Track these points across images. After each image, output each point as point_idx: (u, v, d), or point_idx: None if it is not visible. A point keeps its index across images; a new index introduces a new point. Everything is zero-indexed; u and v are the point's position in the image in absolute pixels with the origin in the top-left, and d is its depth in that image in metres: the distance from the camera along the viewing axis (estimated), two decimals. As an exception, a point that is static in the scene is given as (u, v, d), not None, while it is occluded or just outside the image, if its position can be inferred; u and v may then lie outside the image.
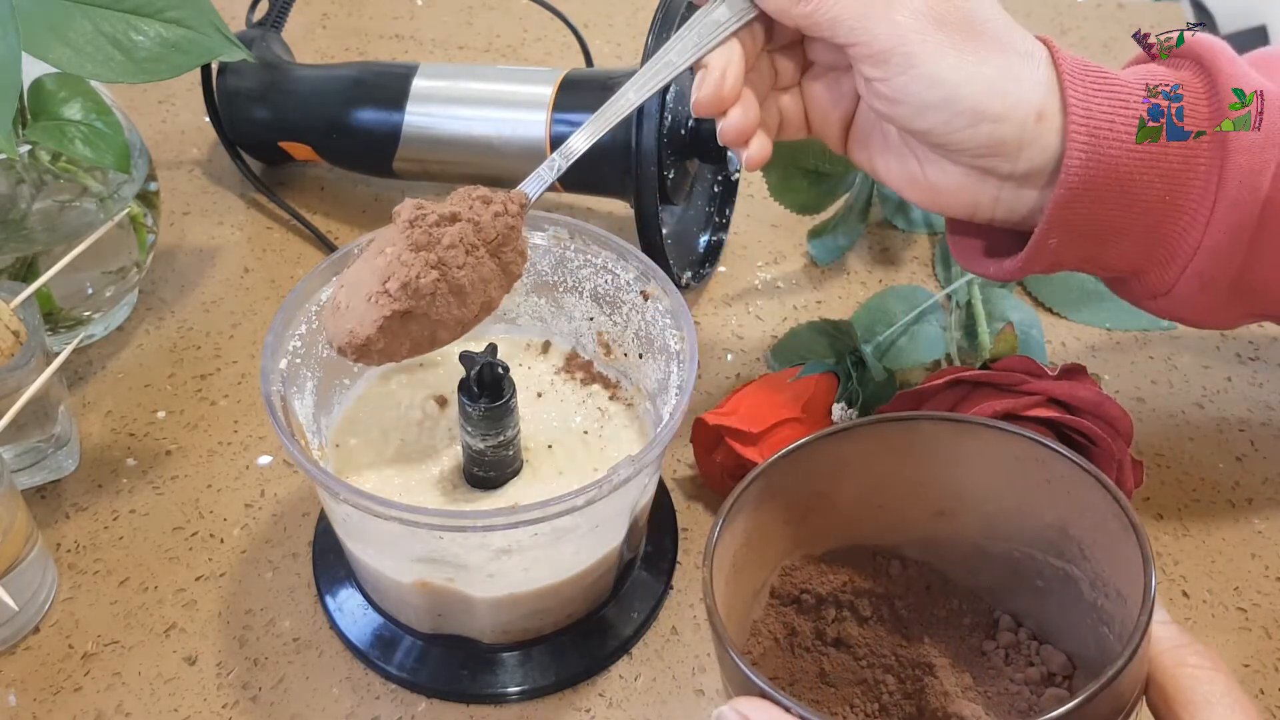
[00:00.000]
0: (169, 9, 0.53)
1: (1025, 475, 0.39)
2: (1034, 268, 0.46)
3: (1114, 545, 0.36)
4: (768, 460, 0.39)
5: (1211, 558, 0.55)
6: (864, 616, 0.42)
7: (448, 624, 0.49)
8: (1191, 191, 0.44)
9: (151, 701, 0.48)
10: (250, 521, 0.55)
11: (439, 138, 0.67)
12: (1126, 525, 0.35)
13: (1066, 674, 0.41)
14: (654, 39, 0.58)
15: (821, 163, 0.66)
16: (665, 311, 0.50)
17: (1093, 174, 0.43)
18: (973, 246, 0.49)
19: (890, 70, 0.43)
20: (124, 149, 0.57)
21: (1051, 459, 0.38)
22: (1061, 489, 0.38)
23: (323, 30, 0.90)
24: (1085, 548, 0.39)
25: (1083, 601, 0.39)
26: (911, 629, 0.42)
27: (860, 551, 0.43)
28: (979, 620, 0.43)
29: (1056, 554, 0.40)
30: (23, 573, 0.49)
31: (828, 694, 0.41)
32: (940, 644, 0.42)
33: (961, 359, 0.62)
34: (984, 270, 0.49)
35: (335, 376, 0.51)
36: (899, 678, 0.41)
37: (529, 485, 0.49)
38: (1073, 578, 0.40)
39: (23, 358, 0.51)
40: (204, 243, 0.71)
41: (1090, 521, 0.38)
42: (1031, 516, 0.40)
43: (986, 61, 0.43)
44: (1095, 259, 0.47)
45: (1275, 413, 0.62)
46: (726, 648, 0.34)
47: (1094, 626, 0.39)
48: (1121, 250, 0.46)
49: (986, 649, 0.42)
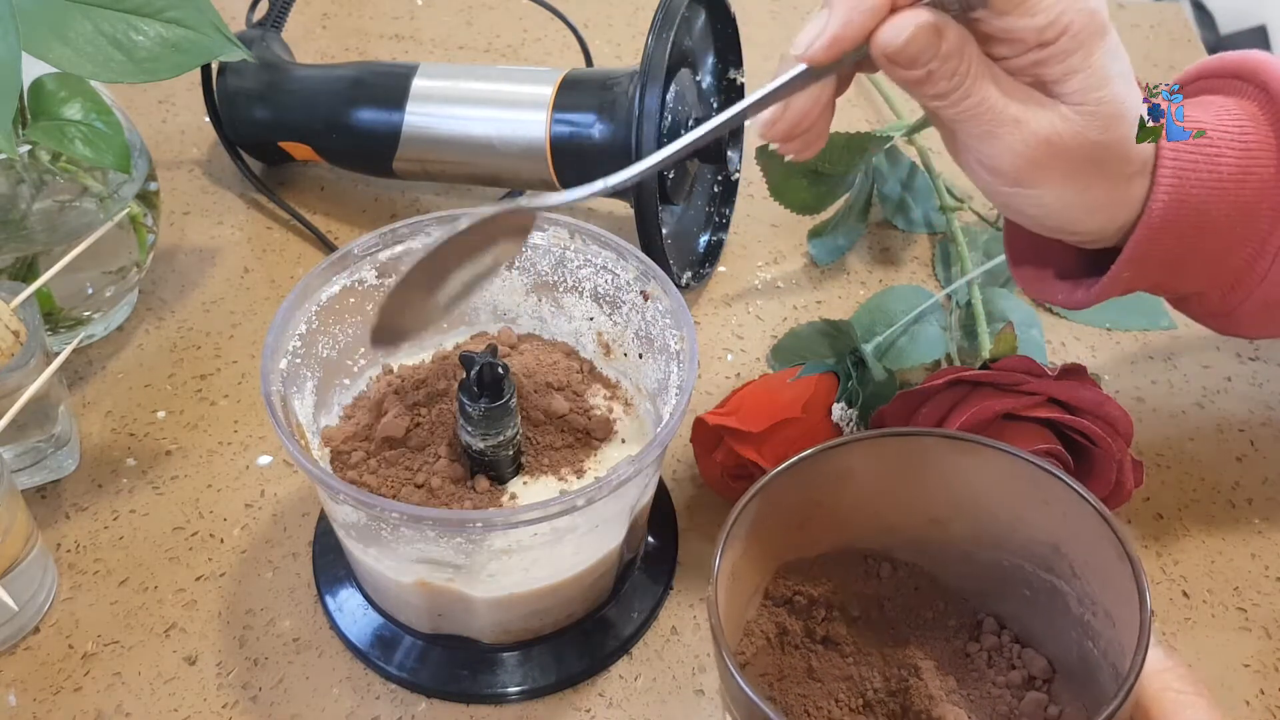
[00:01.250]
0: (169, 9, 0.53)
1: (1024, 495, 0.39)
2: (1107, 296, 0.47)
3: (1108, 572, 0.37)
4: (769, 474, 0.39)
5: (1211, 558, 0.55)
6: (853, 617, 0.43)
7: (448, 624, 0.49)
8: (1260, 222, 0.45)
9: (151, 701, 0.48)
10: (250, 521, 0.55)
11: (439, 138, 0.67)
12: (1122, 556, 0.35)
13: (1047, 678, 0.41)
14: (654, 39, 0.59)
15: (821, 163, 0.66)
16: (665, 311, 0.50)
17: (1173, 213, 0.43)
18: (1040, 274, 0.49)
19: (998, 180, 0.43)
20: (124, 149, 0.57)
21: (1051, 483, 0.38)
22: (1058, 511, 0.38)
23: (323, 30, 0.90)
24: (1076, 567, 0.39)
25: (1069, 614, 0.40)
26: (899, 630, 0.43)
27: (852, 554, 0.44)
28: (964, 622, 0.43)
29: (1046, 568, 0.40)
30: (23, 573, 0.49)
31: (814, 688, 0.42)
32: (926, 646, 0.43)
33: (961, 359, 0.62)
34: (1053, 298, 0.49)
35: (335, 376, 0.51)
36: (884, 676, 0.42)
37: (529, 485, 0.49)
38: (1060, 591, 0.40)
39: (23, 358, 0.51)
40: (204, 243, 0.71)
41: (1084, 545, 0.38)
42: (1024, 532, 0.41)
43: (1094, 190, 0.42)
44: (1164, 285, 0.48)
45: (1275, 413, 0.62)
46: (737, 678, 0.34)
47: (1078, 639, 0.40)
48: (1191, 277, 0.47)
49: (970, 651, 0.43)
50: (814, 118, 0.41)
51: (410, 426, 0.49)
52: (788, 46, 0.40)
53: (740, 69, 0.69)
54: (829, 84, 0.41)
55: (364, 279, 0.51)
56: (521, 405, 0.49)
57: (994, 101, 0.40)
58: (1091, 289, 0.46)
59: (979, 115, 0.40)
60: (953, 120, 0.41)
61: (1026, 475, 0.38)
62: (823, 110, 0.41)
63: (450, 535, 0.43)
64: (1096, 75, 0.40)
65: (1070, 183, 0.42)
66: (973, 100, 0.40)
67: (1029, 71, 0.40)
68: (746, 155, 0.69)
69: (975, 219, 0.73)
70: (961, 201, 0.72)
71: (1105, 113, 0.40)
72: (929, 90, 0.40)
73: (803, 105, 0.41)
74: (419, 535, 0.43)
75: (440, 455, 0.48)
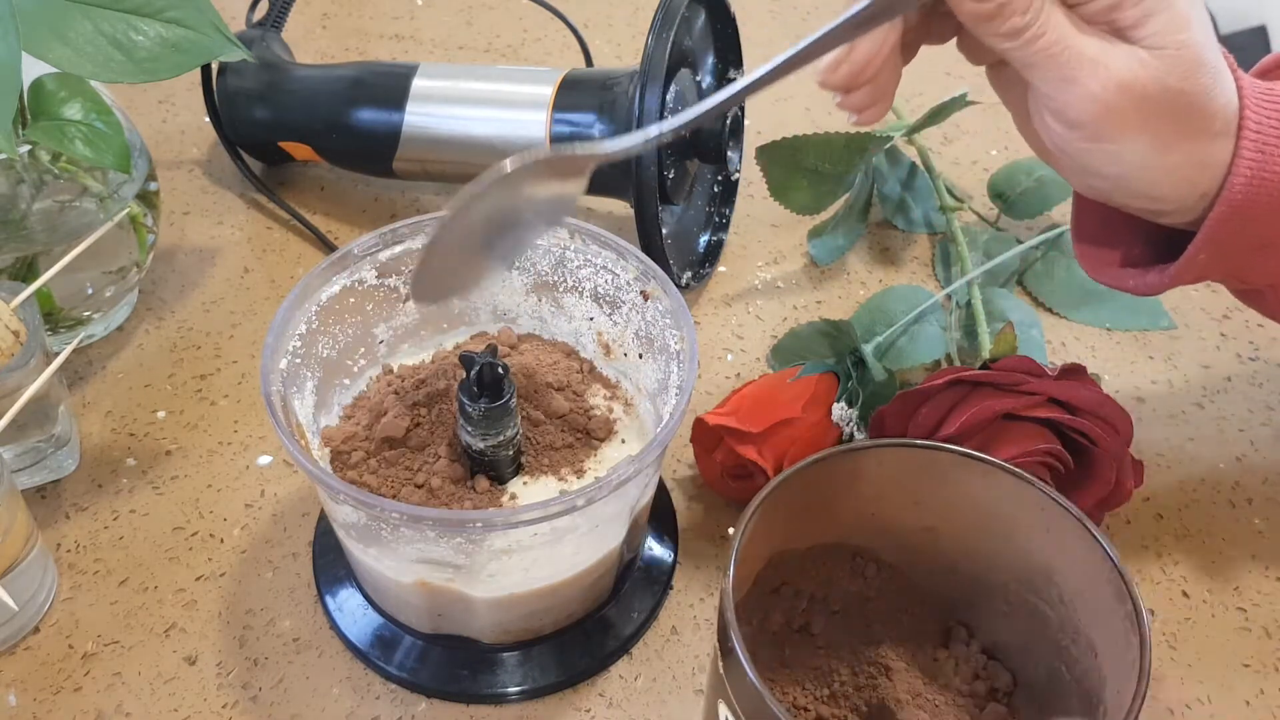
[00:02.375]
0: (169, 9, 0.53)
1: (1024, 518, 0.39)
2: (1181, 282, 0.44)
3: (1100, 608, 0.37)
4: (779, 478, 0.39)
5: (1211, 558, 0.55)
6: (833, 610, 0.44)
7: (448, 624, 0.49)
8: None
9: (151, 701, 0.48)
10: (250, 521, 0.55)
11: (439, 138, 0.67)
12: (1123, 597, 0.35)
13: (1009, 691, 0.42)
14: (654, 39, 0.58)
15: (821, 163, 0.66)
16: (665, 311, 0.49)
17: (1255, 191, 0.41)
18: (1107, 257, 0.47)
19: (1075, 135, 0.40)
20: (124, 149, 0.57)
21: (1056, 513, 0.38)
22: (1057, 538, 0.38)
23: (323, 30, 0.90)
24: (1066, 595, 0.39)
25: (1045, 636, 0.40)
26: (875, 629, 0.44)
27: (842, 550, 0.44)
28: (938, 628, 0.44)
29: (1031, 589, 0.41)
30: (23, 573, 0.49)
31: (781, 674, 0.43)
32: (899, 647, 0.43)
33: (961, 359, 0.62)
34: (1122, 283, 0.46)
35: (335, 376, 0.51)
36: (853, 671, 0.42)
37: (529, 485, 0.49)
38: (1041, 613, 0.40)
39: (23, 358, 0.51)
40: (204, 243, 0.71)
41: (1080, 577, 0.38)
42: (1017, 552, 0.41)
43: (1175, 149, 0.40)
44: (1240, 273, 0.45)
45: (1275, 413, 0.62)
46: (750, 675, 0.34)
47: (1050, 660, 0.40)
48: (1269, 265, 0.45)
49: (939, 657, 0.43)
50: (877, 66, 0.39)
51: (410, 426, 0.49)
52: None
53: (740, 69, 0.69)
54: (895, 29, 0.39)
55: (364, 279, 0.51)
56: (521, 405, 0.49)
57: (1071, 40, 0.38)
58: (1165, 272, 0.44)
59: (1055, 56, 0.38)
60: (1027, 65, 0.39)
61: (1032, 500, 0.38)
62: (887, 61, 0.39)
63: (450, 535, 0.43)
64: (1177, 18, 0.38)
65: (1150, 137, 0.39)
66: (1048, 39, 0.38)
67: (1104, 17, 0.38)
68: (746, 155, 0.69)
69: (975, 219, 0.73)
70: (961, 201, 0.72)
71: (1186, 58, 0.38)
72: (1002, 27, 0.38)
73: (868, 50, 0.39)
74: (419, 535, 0.43)
75: (440, 455, 0.48)
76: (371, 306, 0.52)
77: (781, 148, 0.65)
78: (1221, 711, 0.49)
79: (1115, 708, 0.34)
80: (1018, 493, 0.39)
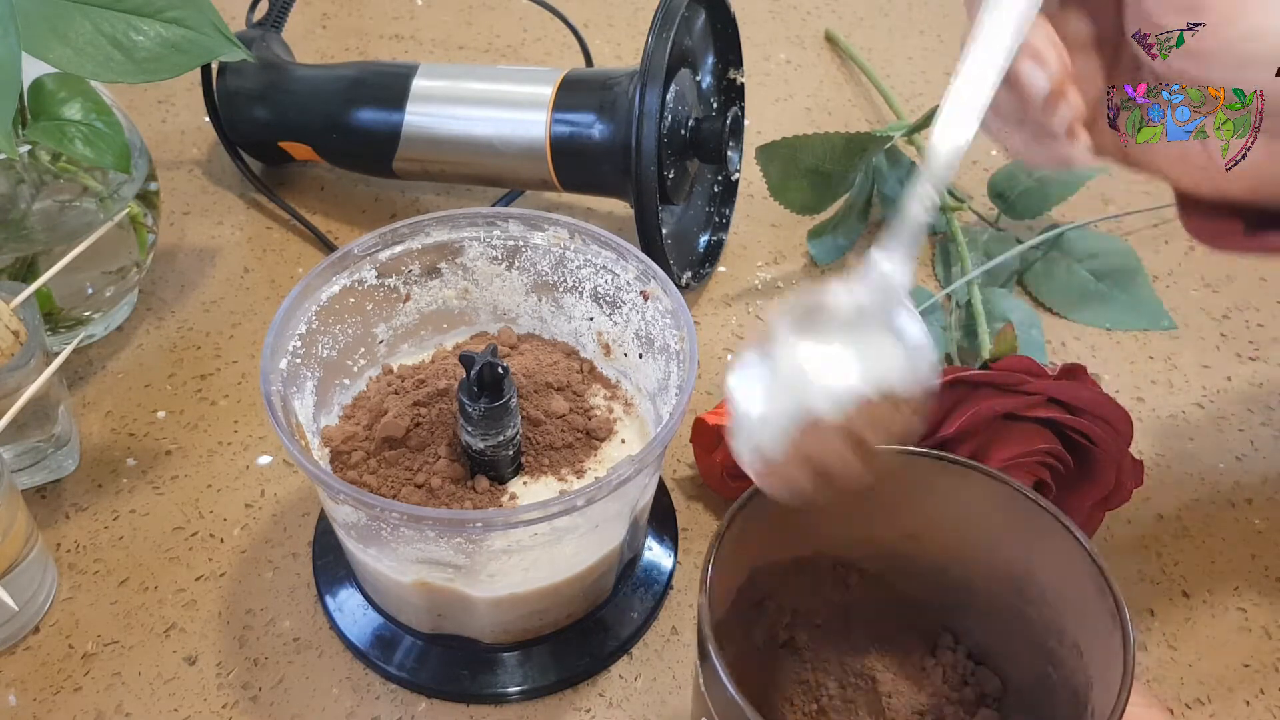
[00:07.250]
0: (169, 9, 0.53)
1: (1003, 521, 0.39)
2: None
3: (1084, 607, 0.36)
4: (750, 490, 0.38)
5: (1211, 558, 0.55)
6: (816, 624, 0.43)
7: (448, 624, 0.49)
8: None
9: (151, 701, 0.48)
10: (250, 521, 0.55)
11: (439, 138, 0.67)
12: (1104, 592, 0.35)
13: (998, 696, 0.42)
14: (654, 39, 0.59)
15: (821, 163, 0.66)
16: (665, 311, 0.50)
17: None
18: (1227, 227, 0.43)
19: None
20: (124, 149, 0.57)
21: (1034, 512, 0.37)
22: (1036, 540, 0.38)
23: (323, 30, 0.90)
24: (1049, 596, 0.39)
25: (1031, 639, 0.40)
26: (860, 639, 0.44)
27: (823, 560, 0.44)
28: (924, 636, 0.44)
29: (1015, 591, 0.40)
30: (23, 573, 0.49)
31: (770, 692, 0.42)
32: (885, 657, 0.43)
33: (961, 359, 0.62)
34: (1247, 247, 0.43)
35: (335, 376, 0.51)
36: (840, 684, 0.42)
37: (529, 485, 0.49)
38: (1026, 616, 0.40)
39: (23, 358, 0.51)
40: (204, 243, 0.71)
41: (1061, 577, 0.38)
42: (998, 556, 0.40)
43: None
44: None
45: (1275, 413, 0.62)
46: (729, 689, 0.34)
47: (1038, 663, 0.40)
48: None
49: (926, 665, 0.43)
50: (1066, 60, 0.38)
51: (410, 426, 0.49)
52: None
53: (740, 69, 0.69)
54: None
55: (364, 279, 0.51)
56: (521, 405, 0.49)
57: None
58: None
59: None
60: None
61: (1010, 502, 0.38)
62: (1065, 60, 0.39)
63: (450, 535, 0.43)
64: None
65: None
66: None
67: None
68: (746, 155, 0.69)
69: (975, 219, 0.73)
70: (961, 201, 0.72)
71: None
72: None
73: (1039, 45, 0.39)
74: (419, 535, 0.43)
75: (440, 455, 0.48)
76: (371, 306, 0.52)
77: (781, 148, 0.65)
78: (1221, 711, 0.49)
79: (1102, 706, 0.34)
80: (995, 493, 0.38)
